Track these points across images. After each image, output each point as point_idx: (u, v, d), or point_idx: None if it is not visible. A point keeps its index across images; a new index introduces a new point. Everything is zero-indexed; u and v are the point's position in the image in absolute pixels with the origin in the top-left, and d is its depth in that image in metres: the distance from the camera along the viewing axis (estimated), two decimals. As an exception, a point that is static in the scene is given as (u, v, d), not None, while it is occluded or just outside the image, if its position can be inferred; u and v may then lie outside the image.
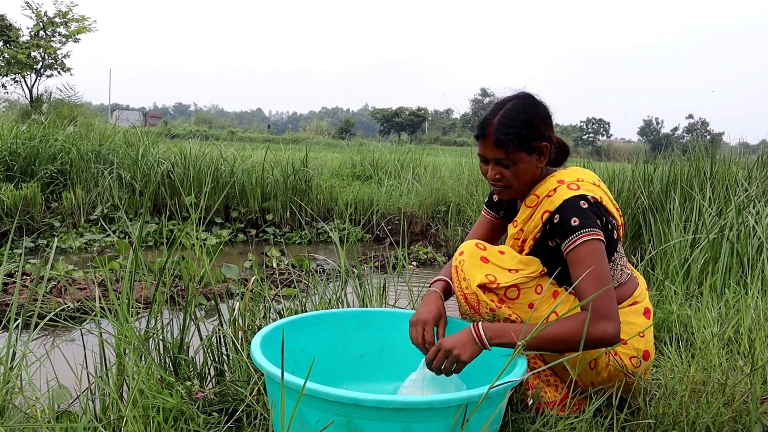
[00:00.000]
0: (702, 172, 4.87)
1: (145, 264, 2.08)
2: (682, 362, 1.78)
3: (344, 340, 1.82)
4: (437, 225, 6.50)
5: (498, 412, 1.34)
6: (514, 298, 1.64)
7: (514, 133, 1.64)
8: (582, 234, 1.56)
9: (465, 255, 1.68)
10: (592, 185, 1.69)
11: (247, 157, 7.50)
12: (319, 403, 1.23)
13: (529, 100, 1.71)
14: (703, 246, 2.99)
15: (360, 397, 1.19)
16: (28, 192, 5.94)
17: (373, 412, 1.20)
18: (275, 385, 1.32)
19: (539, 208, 1.68)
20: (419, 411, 1.22)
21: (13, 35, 16.35)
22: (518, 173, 1.68)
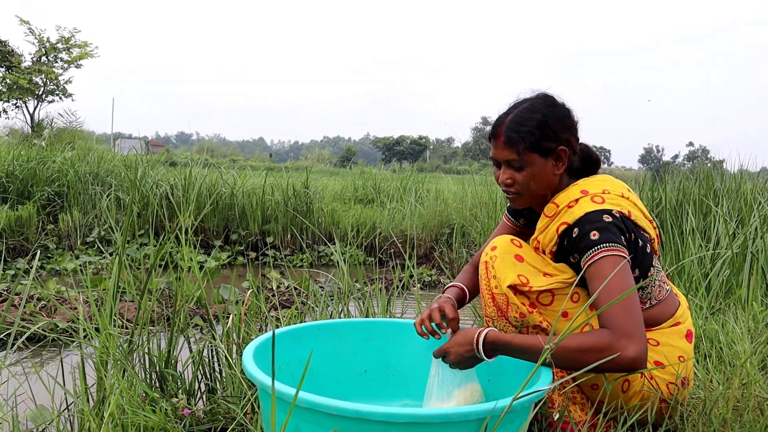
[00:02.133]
0: (713, 191, 4.75)
1: (134, 277, 1.95)
2: (718, 378, 1.62)
3: (347, 352, 1.66)
4: (441, 247, 6.35)
5: (522, 427, 1.18)
6: (548, 303, 1.48)
7: (526, 132, 1.50)
8: (602, 249, 1.39)
9: (498, 250, 1.52)
10: (619, 198, 1.51)
11: (248, 179, 7.40)
12: (318, 417, 1.07)
13: (547, 101, 1.57)
14: (724, 260, 2.85)
15: (365, 409, 1.03)
16: (24, 213, 5.82)
17: (379, 428, 1.05)
18: (267, 397, 1.17)
19: (557, 218, 1.52)
20: (433, 426, 1.06)
21: (15, 61, 16.42)
22: (531, 177, 1.53)
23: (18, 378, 1.72)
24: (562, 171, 1.56)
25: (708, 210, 4.11)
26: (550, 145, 1.52)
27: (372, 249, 6.48)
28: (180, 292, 1.74)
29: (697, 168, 7.09)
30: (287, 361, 1.51)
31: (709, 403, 1.43)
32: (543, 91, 1.61)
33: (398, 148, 57.05)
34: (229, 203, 6.56)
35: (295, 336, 1.56)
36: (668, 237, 3.71)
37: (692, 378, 1.55)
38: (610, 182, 1.57)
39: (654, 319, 1.53)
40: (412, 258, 4.90)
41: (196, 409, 1.48)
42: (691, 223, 3.58)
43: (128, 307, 3.54)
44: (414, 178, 9.38)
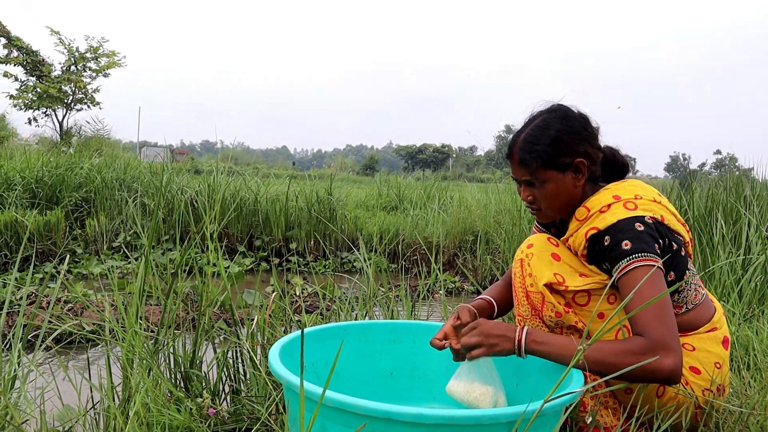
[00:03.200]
0: (743, 197, 4.66)
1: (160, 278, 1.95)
2: (754, 385, 1.58)
3: (373, 354, 1.64)
4: (464, 255, 6.31)
5: (553, 431, 1.15)
6: (584, 304, 1.45)
7: (538, 151, 1.48)
8: (634, 259, 1.35)
9: (534, 248, 1.51)
10: (651, 203, 1.47)
11: (271, 186, 7.44)
12: (346, 416, 1.05)
13: (560, 113, 1.54)
14: (757, 265, 2.78)
15: (393, 410, 1.01)
16: (52, 218, 5.90)
17: (407, 428, 1.02)
18: (294, 396, 1.15)
19: (588, 223, 1.48)
20: (463, 428, 1.03)
21: (45, 70, 16.74)
22: (549, 194, 1.51)
23: (45, 378, 1.73)
24: (582, 182, 1.53)
25: (738, 217, 4.03)
26: (565, 159, 1.49)
27: (395, 256, 6.45)
28: (205, 293, 1.74)
29: (725, 176, 6.97)
30: (312, 362, 1.49)
31: (746, 409, 1.39)
32: (557, 103, 1.58)
33: (421, 156, 57.05)
34: (253, 209, 6.59)
35: (321, 336, 1.55)
36: (697, 244, 3.63)
37: (728, 386, 1.50)
38: (641, 187, 1.53)
39: (690, 324, 1.49)
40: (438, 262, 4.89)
41: (221, 408, 1.47)
42: (721, 230, 3.50)
43: (153, 311, 3.56)
44: (437, 185, 9.35)
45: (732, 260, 2.96)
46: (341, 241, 6.71)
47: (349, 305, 2.31)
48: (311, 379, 1.48)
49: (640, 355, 1.25)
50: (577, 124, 1.52)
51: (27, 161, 7.35)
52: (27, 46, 16.89)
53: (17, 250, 5.55)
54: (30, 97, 16.97)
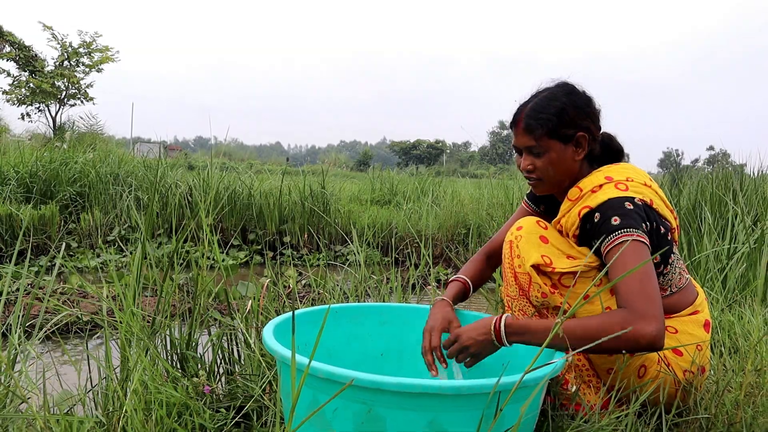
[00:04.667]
0: (732, 191, 4.73)
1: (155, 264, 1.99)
2: (732, 365, 1.63)
3: (364, 336, 1.69)
4: (457, 247, 6.37)
5: (534, 403, 1.20)
6: (570, 286, 1.50)
7: (544, 119, 1.53)
8: (622, 233, 1.40)
9: (523, 231, 1.55)
10: (642, 186, 1.52)
11: (265, 180, 7.47)
12: (335, 387, 1.10)
13: (567, 88, 1.59)
14: (740, 255, 2.84)
15: (383, 380, 1.06)
16: (47, 212, 5.93)
17: (395, 398, 1.07)
18: (287, 370, 1.20)
19: (579, 202, 1.53)
20: (448, 398, 1.08)
21: (38, 65, 16.70)
22: (550, 163, 1.56)
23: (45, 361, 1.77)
24: (582, 157, 1.58)
25: (725, 209, 4.10)
26: (568, 131, 1.54)
27: (388, 249, 6.50)
28: (200, 278, 1.79)
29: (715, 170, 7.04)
30: (305, 342, 1.54)
31: (722, 384, 1.44)
32: (563, 80, 1.63)
33: (415, 152, 57.06)
34: (247, 203, 6.63)
35: (313, 318, 1.60)
36: (684, 235, 3.69)
37: (708, 368, 1.56)
38: (633, 170, 1.58)
39: (673, 307, 1.54)
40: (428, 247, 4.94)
41: (216, 387, 1.52)
42: (708, 220, 3.56)
43: (149, 302, 3.60)
44: (431, 180, 9.40)
45: (717, 249, 3.02)
46: (335, 234, 6.76)
47: (341, 293, 2.35)
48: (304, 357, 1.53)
49: (622, 324, 1.28)
50: (581, 100, 1.58)
51: (21, 156, 7.37)
52: (19, 41, 16.85)
53: (12, 244, 5.57)
54: (23, 92, 16.93)
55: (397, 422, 1.10)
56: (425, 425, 1.09)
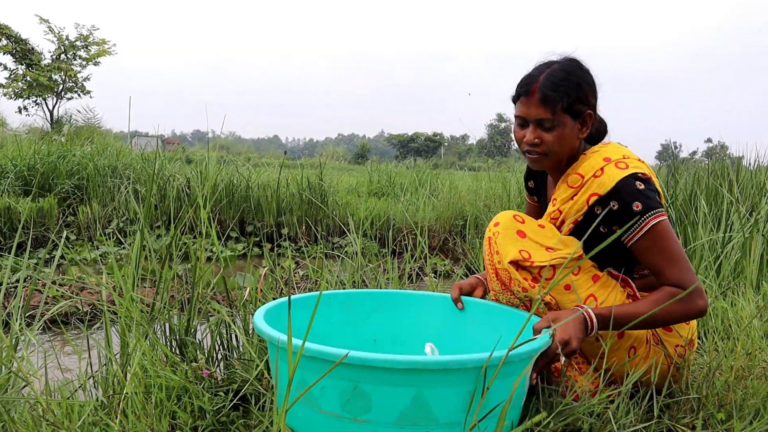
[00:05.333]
0: (728, 181, 4.75)
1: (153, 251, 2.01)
2: (724, 349, 1.66)
3: (357, 322, 1.71)
4: (455, 238, 6.39)
5: (522, 381, 1.22)
6: (550, 278, 1.52)
7: (563, 92, 1.48)
8: (648, 219, 1.43)
9: (500, 227, 1.56)
10: (638, 161, 1.54)
11: (263, 171, 7.49)
12: (324, 365, 1.12)
13: (578, 64, 1.57)
14: (735, 243, 2.87)
15: (368, 356, 1.08)
16: (45, 205, 5.94)
17: (380, 375, 1.09)
18: (273, 349, 1.23)
19: (584, 189, 1.53)
20: (432, 373, 1.10)
21: (35, 59, 16.66)
22: (559, 139, 1.51)
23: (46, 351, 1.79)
24: (585, 135, 1.57)
25: (721, 200, 4.12)
26: (581, 108, 1.52)
27: (386, 241, 6.52)
28: (198, 266, 1.80)
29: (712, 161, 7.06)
30: (297, 327, 1.56)
31: (713, 366, 1.47)
32: (571, 55, 1.59)
33: (413, 145, 57.04)
34: (245, 195, 6.65)
35: (305, 304, 1.61)
36: (681, 226, 3.72)
37: (696, 340, 1.59)
38: (625, 149, 1.60)
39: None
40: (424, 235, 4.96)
41: (214, 371, 1.54)
42: (703, 209, 3.59)
43: (148, 293, 3.62)
44: (428, 172, 9.42)
45: (712, 239, 3.05)
46: (332, 226, 6.78)
47: (338, 281, 2.37)
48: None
49: (686, 302, 1.41)
50: (589, 76, 1.57)
51: (18, 149, 7.37)
52: (16, 34, 16.79)
53: (11, 236, 5.58)
54: (20, 85, 16.89)
55: (381, 398, 1.12)
56: (409, 402, 1.11)
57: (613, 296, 1.52)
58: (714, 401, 1.39)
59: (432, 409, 1.12)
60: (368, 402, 1.12)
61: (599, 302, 1.50)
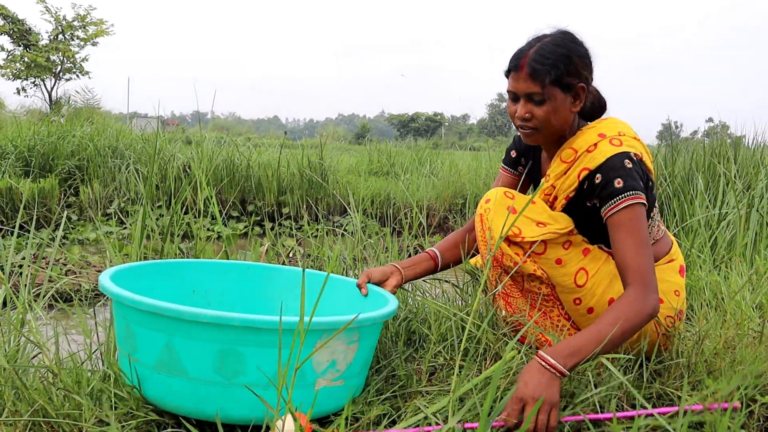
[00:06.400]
0: (726, 158, 4.77)
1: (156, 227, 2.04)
2: (713, 317, 1.70)
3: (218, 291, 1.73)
4: (455, 217, 6.43)
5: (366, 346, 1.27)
6: (540, 253, 1.54)
7: (551, 65, 1.48)
8: (625, 197, 1.43)
9: (492, 203, 1.59)
10: (633, 140, 1.55)
11: (264, 150, 7.51)
12: (142, 317, 1.18)
13: (570, 36, 1.56)
14: (730, 220, 2.90)
15: (180, 309, 1.13)
16: (46, 185, 5.97)
17: (191, 328, 1.14)
18: (115, 306, 1.29)
19: (577, 164, 1.54)
20: (239, 329, 1.14)
21: (32, 39, 16.58)
22: (550, 112, 1.51)
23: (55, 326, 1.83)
24: (578, 109, 1.55)
25: (719, 177, 4.14)
26: (572, 80, 1.51)
27: (386, 220, 6.56)
28: (199, 243, 1.84)
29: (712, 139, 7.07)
30: (149, 287, 1.60)
31: (702, 335, 1.51)
32: (563, 28, 1.59)
33: (413, 125, 56.86)
34: (246, 175, 6.67)
35: (161, 269, 1.63)
36: (678, 204, 3.75)
37: (685, 311, 1.63)
38: (622, 125, 1.60)
39: (654, 256, 1.59)
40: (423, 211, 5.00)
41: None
42: (700, 187, 3.62)
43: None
44: (428, 152, 9.44)
45: (707, 215, 3.08)
46: (333, 205, 6.82)
47: (339, 257, 2.41)
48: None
49: (643, 304, 1.34)
50: (583, 49, 1.56)
51: (18, 130, 7.38)
52: (12, 14, 16.69)
53: (13, 217, 5.62)
54: (18, 66, 16.83)
55: (189, 352, 1.18)
56: (215, 354, 1.16)
57: (604, 269, 1.56)
58: (703, 368, 1.43)
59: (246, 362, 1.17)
60: (177, 356, 1.18)
61: (590, 275, 1.53)
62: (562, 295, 1.57)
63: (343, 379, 1.27)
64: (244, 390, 1.17)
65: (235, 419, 1.20)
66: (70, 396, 1.22)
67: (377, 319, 1.30)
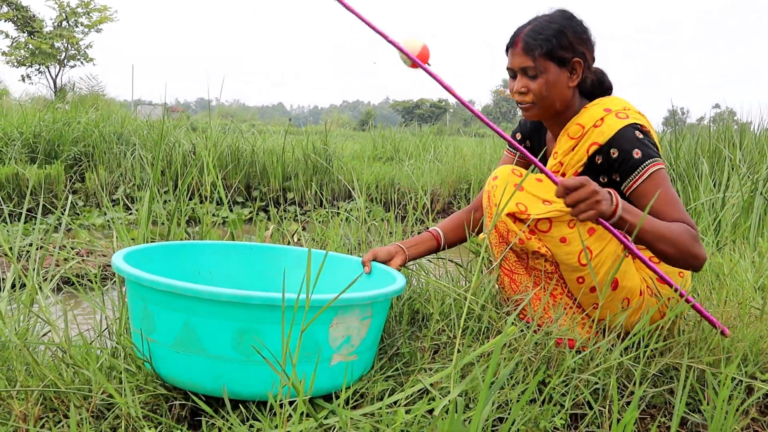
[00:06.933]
0: (731, 143, 4.76)
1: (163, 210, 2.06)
2: (715, 297, 1.71)
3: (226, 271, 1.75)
4: (459, 202, 6.45)
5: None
6: (545, 230, 1.55)
7: (543, 39, 1.54)
8: (648, 166, 1.47)
9: (499, 180, 1.60)
10: (638, 114, 1.58)
11: (268, 137, 7.52)
12: (161, 297, 1.19)
13: (566, 14, 1.61)
14: (734, 203, 2.91)
15: (198, 288, 1.15)
16: (52, 171, 6.00)
17: (210, 307, 1.16)
18: (130, 286, 1.31)
19: (585, 139, 1.57)
20: (258, 308, 1.16)
21: (36, 26, 16.57)
22: (545, 86, 1.56)
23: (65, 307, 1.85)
24: (575, 84, 1.59)
25: (723, 162, 4.14)
26: (565, 54, 1.56)
27: (390, 205, 6.58)
28: (205, 227, 1.86)
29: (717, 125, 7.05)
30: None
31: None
32: (562, 8, 1.65)
33: (418, 111, 56.70)
34: (251, 160, 6.69)
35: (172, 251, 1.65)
36: (683, 187, 3.75)
37: (689, 293, 1.63)
38: (625, 101, 1.64)
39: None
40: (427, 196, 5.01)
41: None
42: (705, 170, 3.62)
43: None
44: (433, 138, 9.43)
45: (712, 199, 3.08)
46: (337, 191, 6.84)
47: (342, 241, 2.42)
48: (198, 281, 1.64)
49: (695, 240, 1.42)
50: (579, 26, 1.60)
51: (24, 117, 7.40)
52: (17, 1, 16.67)
53: (20, 203, 5.66)
54: (22, 53, 16.84)
55: (208, 331, 1.19)
56: (234, 333, 1.17)
57: (608, 249, 1.57)
58: (703, 346, 1.44)
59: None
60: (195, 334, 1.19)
61: (594, 255, 1.54)
62: (565, 273, 1.58)
63: (356, 354, 1.29)
64: (262, 367, 1.18)
65: (253, 396, 1.22)
66: (80, 371, 1.25)
67: (389, 295, 1.32)
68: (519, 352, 1.36)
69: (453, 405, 0.91)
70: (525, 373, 1.34)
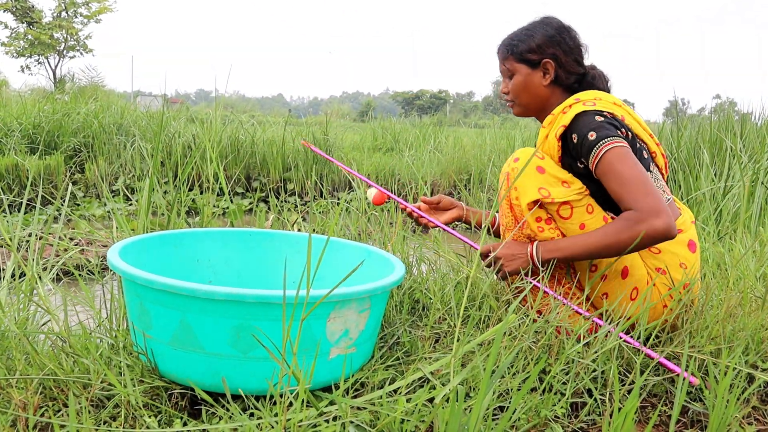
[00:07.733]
0: (732, 133, 4.74)
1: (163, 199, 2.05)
2: (716, 286, 1.70)
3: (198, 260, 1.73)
4: (459, 192, 6.44)
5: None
6: (567, 217, 1.54)
7: (512, 45, 1.69)
8: (602, 145, 1.47)
9: (520, 162, 1.60)
10: (612, 104, 1.58)
11: (268, 128, 7.50)
12: (157, 295, 1.18)
13: (545, 20, 1.70)
14: (735, 193, 2.90)
15: (192, 287, 1.13)
16: (52, 162, 5.99)
17: (206, 305, 1.14)
18: (125, 284, 1.29)
19: (553, 126, 1.61)
20: (254, 305, 1.14)
21: (36, 16, 16.51)
22: (519, 86, 1.69)
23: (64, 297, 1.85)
24: (548, 83, 1.67)
25: (724, 152, 4.13)
26: (532, 57, 1.66)
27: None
28: (205, 218, 1.85)
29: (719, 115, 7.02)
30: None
31: (702, 302, 1.51)
32: (548, 15, 1.74)
33: (418, 102, 56.59)
34: (250, 151, 6.68)
35: (164, 241, 1.63)
36: (684, 176, 3.74)
37: (697, 287, 1.60)
38: (603, 95, 1.64)
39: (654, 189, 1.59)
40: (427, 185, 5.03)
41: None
42: (706, 160, 3.61)
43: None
44: (433, 129, 9.40)
45: (713, 188, 3.08)
46: (338, 182, 6.82)
47: (341, 229, 2.42)
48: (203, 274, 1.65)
49: (635, 225, 1.40)
50: (552, 29, 1.67)
51: (23, 108, 7.39)
52: (15, -9, 16.60)
53: (20, 193, 5.65)
54: (21, 44, 16.78)
55: (204, 328, 1.17)
56: (230, 330, 1.16)
57: None
58: (705, 335, 1.44)
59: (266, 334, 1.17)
60: (191, 331, 1.18)
61: None
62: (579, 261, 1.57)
63: (355, 347, 1.29)
64: (260, 363, 1.18)
65: (251, 391, 1.21)
66: (80, 360, 1.24)
67: (388, 287, 1.31)
68: (518, 340, 1.36)
69: (454, 393, 0.90)
70: (525, 361, 1.33)
